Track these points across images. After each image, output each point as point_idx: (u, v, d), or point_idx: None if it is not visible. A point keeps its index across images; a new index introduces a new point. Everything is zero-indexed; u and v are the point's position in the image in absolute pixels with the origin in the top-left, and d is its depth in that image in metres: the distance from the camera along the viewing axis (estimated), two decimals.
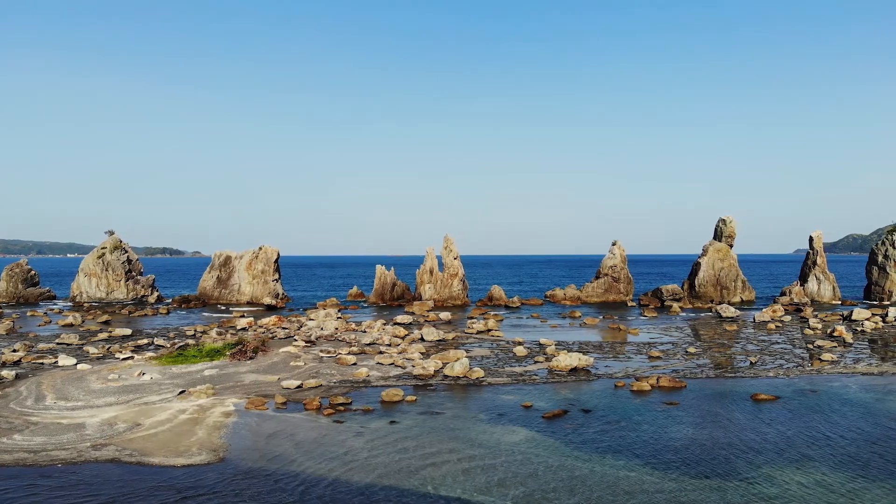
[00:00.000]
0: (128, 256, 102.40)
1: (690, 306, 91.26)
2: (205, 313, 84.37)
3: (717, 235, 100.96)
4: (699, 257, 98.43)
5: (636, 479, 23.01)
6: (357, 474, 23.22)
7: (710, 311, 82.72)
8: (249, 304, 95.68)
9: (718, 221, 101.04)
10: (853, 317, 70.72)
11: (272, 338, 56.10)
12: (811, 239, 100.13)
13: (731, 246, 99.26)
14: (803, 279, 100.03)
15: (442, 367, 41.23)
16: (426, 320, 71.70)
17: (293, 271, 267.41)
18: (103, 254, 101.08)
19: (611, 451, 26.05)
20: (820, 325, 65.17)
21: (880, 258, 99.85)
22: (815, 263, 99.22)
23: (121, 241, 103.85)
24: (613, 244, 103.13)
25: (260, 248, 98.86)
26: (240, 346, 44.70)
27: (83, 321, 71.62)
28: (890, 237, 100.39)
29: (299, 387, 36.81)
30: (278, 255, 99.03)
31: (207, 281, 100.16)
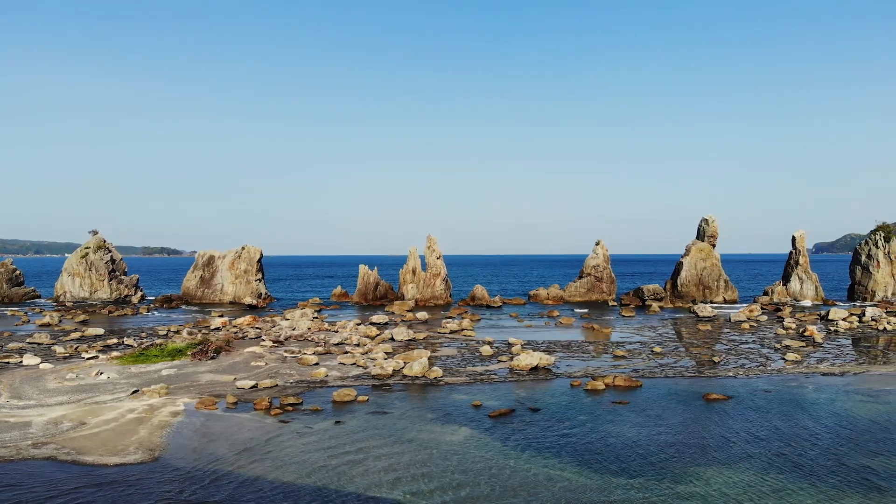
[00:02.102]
0: (111, 256, 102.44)
1: (671, 306, 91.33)
2: (184, 314, 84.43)
3: (700, 235, 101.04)
4: (682, 257, 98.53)
5: (565, 479, 23.06)
6: (286, 474, 23.26)
7: (689, 311, 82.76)
8: (232, 303, 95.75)
9: (701, 221, 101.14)
10: (829, 316, 70.79)
11: (242, 338, 56.17)
12: (794, 238, 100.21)
13: (713, 245, 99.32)
14: (786, 279, 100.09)
15: (402, 367, 41.26)
16: (403, 320, 71.75)
17: (288, 271, 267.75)
18: (87, 253, 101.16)
19: (546, 451, 26.09)
20: (794, 325, 65.27)
21: (863, 258, 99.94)
22: (797, 263, 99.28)
23: (105, 241, 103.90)
24: (597, 244, 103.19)
25: (243, 248, 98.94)
26: (201, 346, 44.74)
27: (60, 320, 71.67)
28: (873, 237, 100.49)
29: (254, 387, 36.85)
30: (261, 254, 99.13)
31: (191, 281, 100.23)
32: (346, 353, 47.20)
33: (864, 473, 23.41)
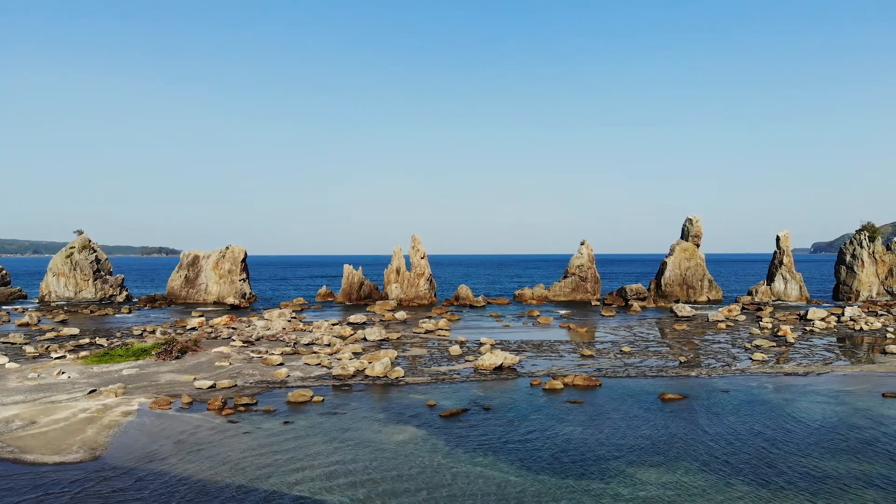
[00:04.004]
0: (96, 256, 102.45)
1: (654, 306, 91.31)
2: (166, 314, 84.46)
3: (685, 235, 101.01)
4: (666, 257, 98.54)
5: (499, 478, 23.05)
6: (219, 474, 23.24)
7: (670, 311, 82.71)
8: (216, 303, 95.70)
9: (685, 221, 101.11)
10: (808, 316, 70.74)
11: (215, 337, 56.17)
12: (778, 238, 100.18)
13: (698, 245, 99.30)
14: (770, 279, 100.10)
15: (364, 368, 41.25)
16: (381, 320, 71.75)
17: (282, 271, 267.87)
18: (71, 253, 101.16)
19: (489, 450, 26.09)
20: (770, 325, 65.25)
21: (848, 258, 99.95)
22: (781, 263, 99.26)
23: (90, 241, 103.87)
24: (582, 243, 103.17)
25: (227, 248, 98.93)
26: (166, 346, 44.76)
27: (38, 320, 71.68)
28: (858, 237, 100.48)
29: (212, 387, 36.84)
30: (245, 254, 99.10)
31: (176, 280, 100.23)
32: (314, 353, 47.21)
33: (796, 474, 23.41)
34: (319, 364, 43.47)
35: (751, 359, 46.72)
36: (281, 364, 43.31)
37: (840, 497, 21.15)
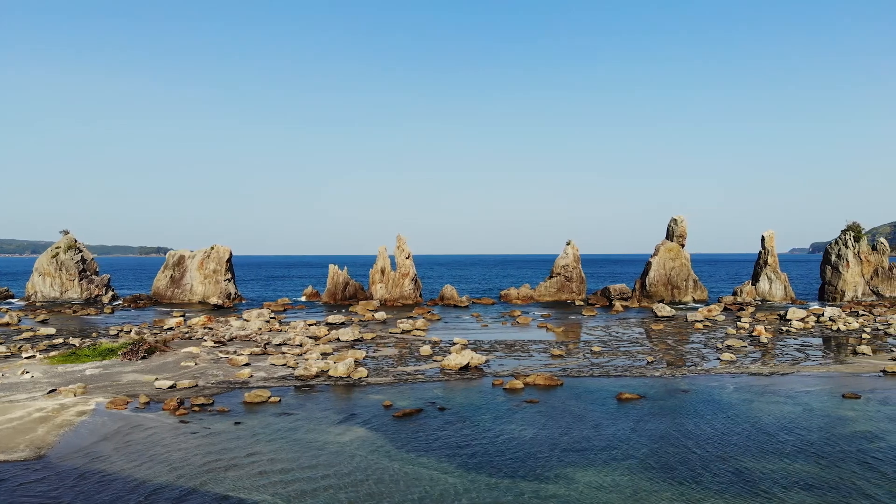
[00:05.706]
0: (82, 256, 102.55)
1: (638, 306, 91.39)
2: (147, 313, 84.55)
3: (669, 235, 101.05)
4: (651, 257, 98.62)
5: (435, 478, 23.09)
6: (158, 474, 23.28)
7: (651, 311, 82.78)
8: (201, 303, 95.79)
9: (670, 221, 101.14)
10: (787, 316, 70.86)
11: (190, 338, 56.26)
12: (763, 238, 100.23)
13: (682, 245, 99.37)
14: (755, 279, 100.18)
15: (328, 368, 41.31)
16: (361, 320, 71.84)
17: (277, 271, 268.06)
18: (57, 253, 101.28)
19: (433, 451, 26.14)
20: (747, 325, 65.32)
21: (833, 258, 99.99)
22: (766, 263, 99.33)
23: (75, 241, 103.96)
24: (567, 244, 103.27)
25: (212, 248, 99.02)
26: (132, 346, 44.85)
27: (19, 320, 71.80)
28: (843, 237, 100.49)
29: (172, 387, 36.91)
30: (230, 254, 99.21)
31: (161, 280, 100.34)
32: (282, 353, 47.29)
33: (739, 476, 23.40)
34: (285, 364, 43.53)
35: (719, 359, 46.78)
36: (247, 364, 43.38)
37: (758, 499, 21.21)
